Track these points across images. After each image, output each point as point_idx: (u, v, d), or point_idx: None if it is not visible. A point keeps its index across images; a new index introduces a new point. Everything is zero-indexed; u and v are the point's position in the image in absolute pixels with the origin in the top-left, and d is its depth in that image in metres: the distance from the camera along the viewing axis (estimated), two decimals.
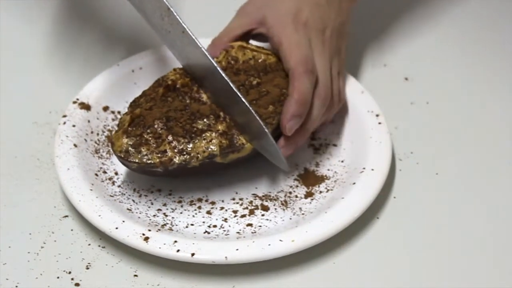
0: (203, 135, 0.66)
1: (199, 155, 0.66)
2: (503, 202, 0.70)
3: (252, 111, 0.66)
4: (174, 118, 0.68)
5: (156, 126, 0.67)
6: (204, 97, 0.70)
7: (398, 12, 0.92)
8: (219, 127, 0.67)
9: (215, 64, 0.67)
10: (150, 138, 0.66)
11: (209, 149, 0.66)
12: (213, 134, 0.66)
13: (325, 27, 0.72)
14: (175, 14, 0.68)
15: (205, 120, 0.68)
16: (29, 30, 0.89)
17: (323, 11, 0.73)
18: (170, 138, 0.66)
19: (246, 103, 0.66)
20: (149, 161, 0.66)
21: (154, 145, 0.66)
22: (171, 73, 0.72)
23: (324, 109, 0.70)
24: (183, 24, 0.68)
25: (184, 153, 0.66)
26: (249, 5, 0.75)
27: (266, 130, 0.66)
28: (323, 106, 0.70)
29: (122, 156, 0.66)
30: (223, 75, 0.67)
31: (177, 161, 0.66)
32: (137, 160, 0.66)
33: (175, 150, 0.66)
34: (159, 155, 0.66)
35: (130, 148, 0.66)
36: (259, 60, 0.73)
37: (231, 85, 0.66)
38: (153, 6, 0.68)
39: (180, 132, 0.67)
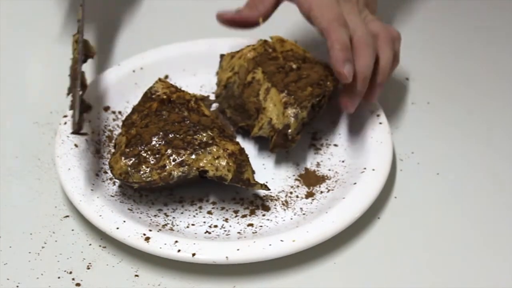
0: (208, 148, 0.66)
1: (209, 171, 0.65)
2: (503, 201, 0.70)
3: None
4: (172, 131, 0.67)
5: (153, 142, 0.66)
6: (205, 110, 0.70)
7: (398, 12, 0.92)
8: (229, 147, 0.66)
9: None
10: (148, 156, 0.66)
11: (220, 171, 0.65)
12: (221, 152, 0.65)
13: None
14: None
15: (209, 132, 0.67)
16: (30, 30, 0.89)
17: None
18: (169, 151, 0.66)
19: None
20: (148, 179, 0.65)
21: (153, 162, 0.65)
22: (158, 85, 0.71)
23: (374, 55, 0.70)
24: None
25: (184, 164, 0.65)
26: None
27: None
28: (374, 52, 0.70)
29: (122, 178, 0.65)
30: None
31: (175, 174, 0.65)
32: (136, 180, 0.65)
33: (174, 163, 0.65)
34: (158, 171, 0.65)
35: (129, 169, 0.65)
36: (298, 53, 0.73)
37: None
38: None
39: (180, 144, 0.66)
